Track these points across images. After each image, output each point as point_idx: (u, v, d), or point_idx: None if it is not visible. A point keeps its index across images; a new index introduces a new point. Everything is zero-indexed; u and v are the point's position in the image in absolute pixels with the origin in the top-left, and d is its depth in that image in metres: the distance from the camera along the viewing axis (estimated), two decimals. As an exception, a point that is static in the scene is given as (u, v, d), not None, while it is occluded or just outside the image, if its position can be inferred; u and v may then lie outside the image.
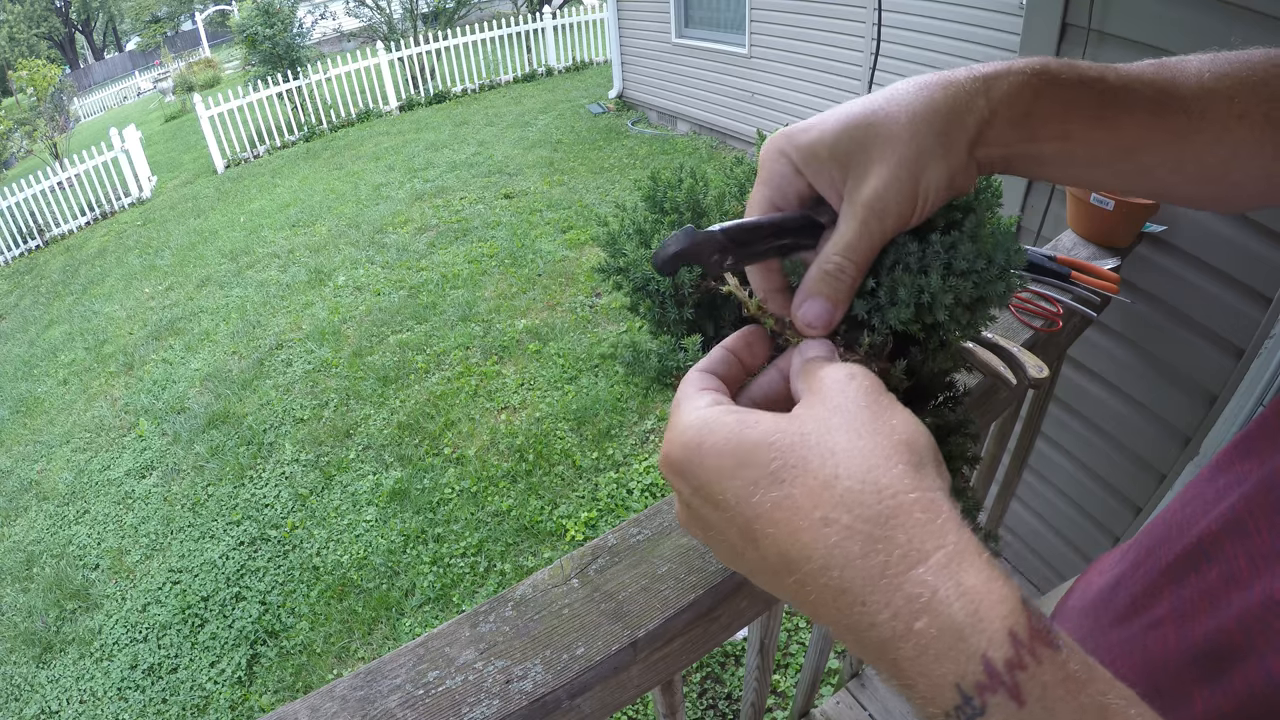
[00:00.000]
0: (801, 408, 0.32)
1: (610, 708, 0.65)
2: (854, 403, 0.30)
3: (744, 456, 0.30)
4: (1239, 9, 1.15)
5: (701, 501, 0.32)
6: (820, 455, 0.28)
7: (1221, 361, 1.38)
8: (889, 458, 0.28)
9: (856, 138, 0.35)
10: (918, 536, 0.26)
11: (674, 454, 0.32)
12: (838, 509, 0.27)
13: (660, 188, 0.55)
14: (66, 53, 29.28)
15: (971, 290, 0.39)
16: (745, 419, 0.31)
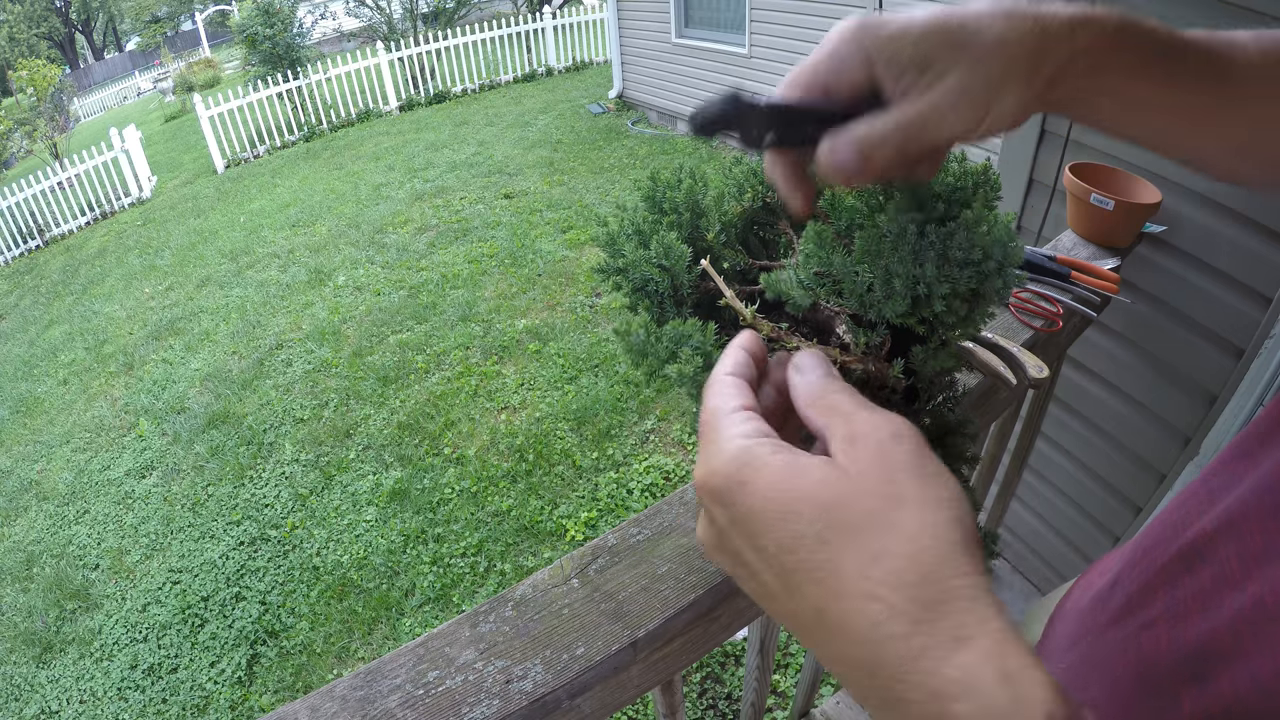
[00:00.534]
0: (847, 461, 0.30)
1: (610, 708, 0.65)
2: (905, 469, 0.29)
3: (790, 507, 0.29)
4: (1239, 9, 1.15)
5: (737, 536, 0.31)
6: (870, 525, 0.28)
7: (1221, 361, 1.38)
8: (938, 538, 0.27)
9: (945, 40, 0.35)
10: (962, 622, 0.25)
11: (714, 483, 0.32)
12: (884, 586, 0.26)
13: (659, 188, 0.55)
14: (66, 53, 29.27)
15: (969, 282, 0.39)
16: (794, 465, 0.30)
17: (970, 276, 0.39)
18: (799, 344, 0.46)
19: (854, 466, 0.30)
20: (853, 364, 0.44)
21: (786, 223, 0.55)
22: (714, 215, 0.54)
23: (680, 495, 0.72)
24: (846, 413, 0.33)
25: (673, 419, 3.67)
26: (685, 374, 0.45)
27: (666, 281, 0.51)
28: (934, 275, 0.39)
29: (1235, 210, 1.27)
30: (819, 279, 0.45)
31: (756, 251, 0.58)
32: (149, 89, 22.67)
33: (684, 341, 0.46)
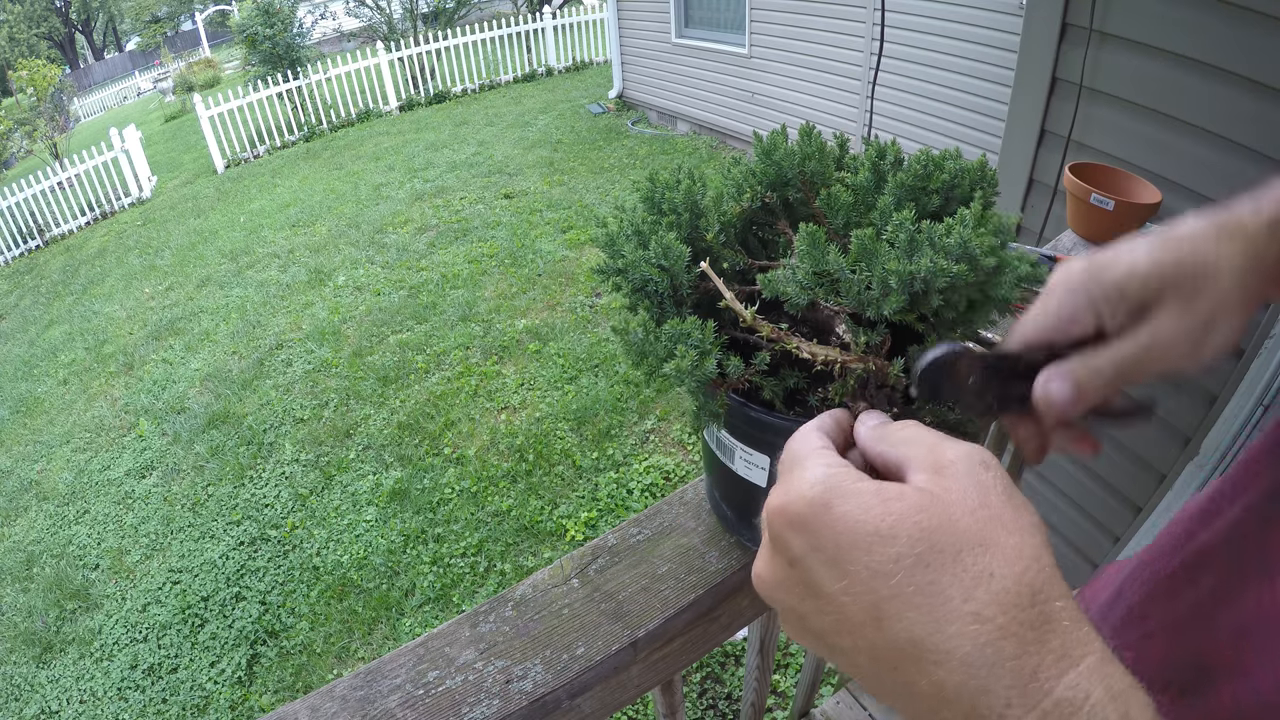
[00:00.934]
0: (937, 487, 0.30)
1: (610, 708, 0.65)
2: (998, 496, 0.29)
3: (885, 530, 0.28)
4: (1239, 9, 1.15)
5: (819, 564, 0.30)
6: (973, 547, 0.27)
7: (1222, 361, 1.38)
8: (1038, 558, 0.27)
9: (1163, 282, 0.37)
10: (1069, 641, 0.26)
11: (796, 508, 0.31)
12: (991, 606, 0.26)
13: (658, 189, 0.55)
14: (66, 53, 29.28)
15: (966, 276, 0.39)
16: (885, 489, 0.29)
17: (968, 272, 0.39)
18: (798, 344, 0.46)
19: (947, 493, 0.29)
20: (853, 363, 0.44)
21: (785, 223, 0.55)
22: (713, 216, 0.54)
23: (680, 495, 0.72)
24: (929, 443, 0.32)
25: (673, 419, 3.67)
26: (682, 369, 0.45)
27: (666, 282, 0.51)
28: (930, 270, 0.39)
29: (1235, 210, 1.27)
30: (816, 278, 0.45)
31: (755, 252, 0.58)
32: (149, 89, 22.68)
33: (682, 339, 0.46)
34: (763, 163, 0.53)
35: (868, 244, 0.42)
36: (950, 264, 0.39)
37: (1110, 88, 1.41)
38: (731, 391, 0.50)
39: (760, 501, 0.60)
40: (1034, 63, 1.53)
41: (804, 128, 0.54)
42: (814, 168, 0.52)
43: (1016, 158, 1.65)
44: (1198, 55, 1.24)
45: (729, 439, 0.55)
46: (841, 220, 0.48)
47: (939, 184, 0.46)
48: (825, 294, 0.45)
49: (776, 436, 0.51)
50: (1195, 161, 1.31)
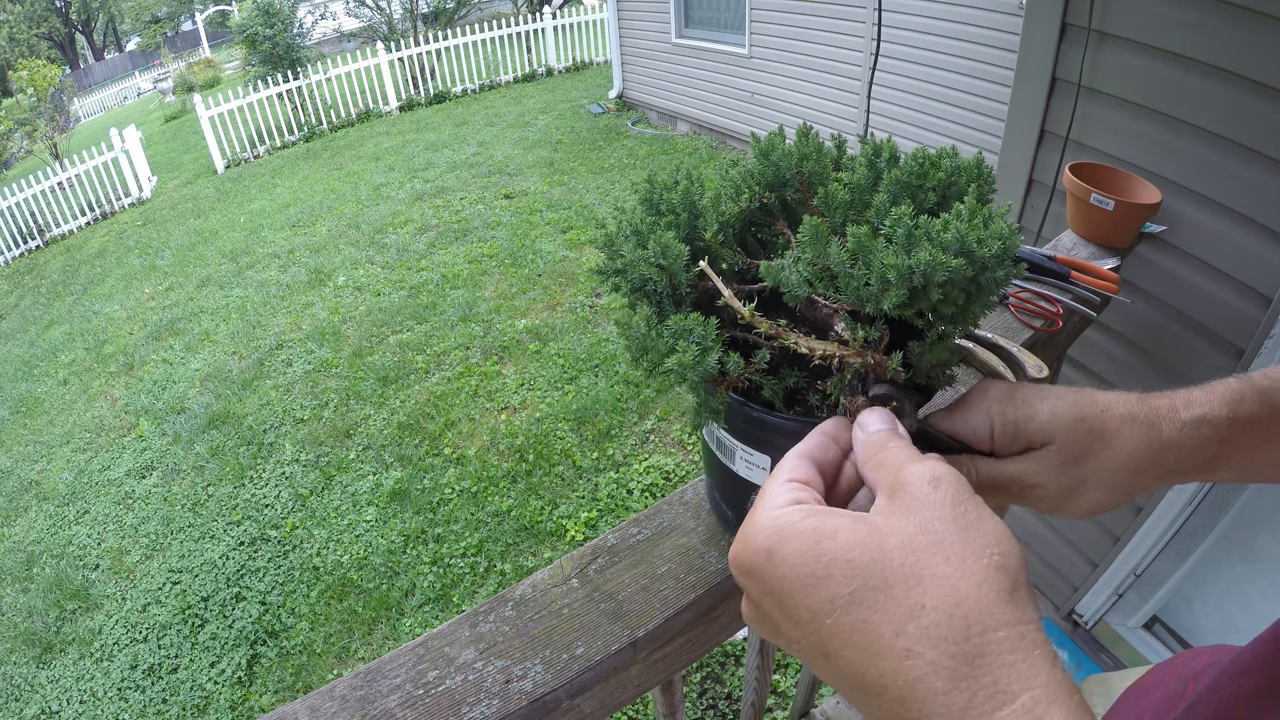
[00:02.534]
0: (881, 516, 0.30)
1: (610, 708, 0.65)
2: (941, 518, 0.29)
3: (820, 572, 0.28)
4: (1239, 9, 1.15)
5: (771, 607, 0.31)
6: (904, 580, 0.27)
7: (1221, 361, 1.38)
8: (979, 586, 0.27)
9: (1060, 433, 0.42)
10: (1005, 677, 0.25)
11: (744, 558, 0.32)
12: (922, 642, 0.26)
13: (656, 190, 0.55)
14: (66, 53, 29.27)
15: (965, 270, 0.39)
16: (822, 527, 0.30)
17: (966, 265, 0.39)
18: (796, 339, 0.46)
19: (887, 521, 0.29)
20: (851, 357, 0.44)
21: (784, 223, 0.55)
22: (711, 216, 0.54)
23: (680, 495, 0.72)
24: (895, 466, 0.33)
25: (673, 419, 3.67)
26: (684, 363, 0.45)
27: (664, 281, 0.51)
28: (929, 264, 0.39)
29: (1235, 210, 1.27)
30: (816, 273, 0.45)
31: (754, 252, 0.58)
32: (149, 89, 22.67)
33: (684, 335, 0.46)
34: (760, 163, 0.53)
35: (864, 240, 0.42)
36: (949, 258, 0.39)
37: (1110, 88, 1.41)
38: (732, 391, 0.50)
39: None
40: (1034, 62, 1.53)
41: (801, 128, 0.54)
42: (812, 168, 0.52)
43: (1016, 157, 1.65)
44: (1198, 55, 1.24)
45: (729, 439, 0.55)
46: (839, 218, 0.48)
47: (935, 181, 0.46)
48: (825, 288, 0.45)
49: (777, 436, 0.51)
50: (1195, 161, 1.31)
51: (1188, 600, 1.76)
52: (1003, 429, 0.43)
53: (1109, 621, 1.87)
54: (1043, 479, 0.42)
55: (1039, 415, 0.42)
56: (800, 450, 0.38)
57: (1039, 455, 0.42)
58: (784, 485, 0.34)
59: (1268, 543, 1.55)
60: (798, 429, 0.49)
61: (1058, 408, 0.42)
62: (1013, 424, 0.42)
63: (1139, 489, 0.42)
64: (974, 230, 0.40)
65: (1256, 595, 1.60)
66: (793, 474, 0.35)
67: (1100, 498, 0.42)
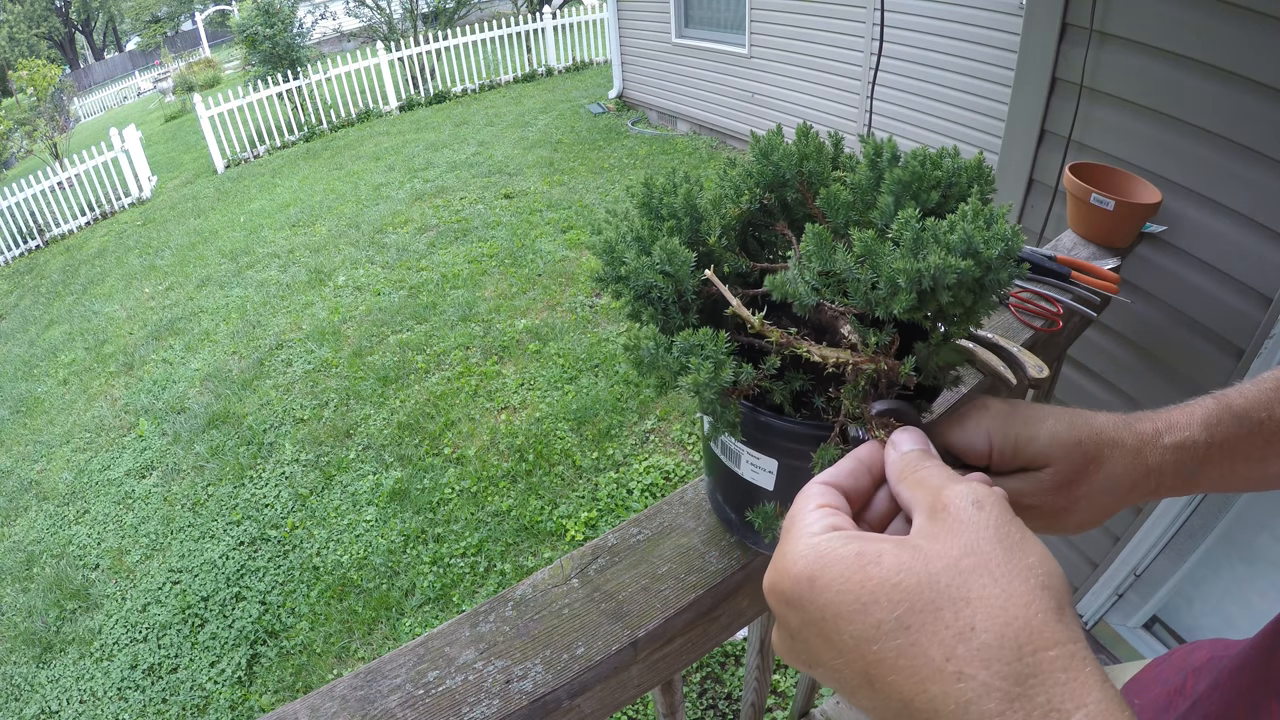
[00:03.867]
0: (924, 539, 0.30)
1: (610, 708, 0.65)
2: (986, 539, 0.29)
3: (866, 598, 0.28)
4: (1239, 9, 1.15)
5: (812, 636, 0.30)
6: (953, 602, 0.27)
7: (1221, 361, 1.38)
8: (1028, 606, 0.26)
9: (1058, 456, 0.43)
10: (1058, 695, 0.25)
11: (783, 586, 0.31)
12: (974, 664, 0.25)
13: (654, 194, 0.55)
14: (66, 53, 29.26)
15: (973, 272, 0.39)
16: (865, 552, 0.29)
17: (973, 267, 0.39)
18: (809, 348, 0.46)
19: (931, 544, 0.29)
20: (864, 364, 0.44)
21: (784, 224, 0.55)
22: (714, 219, 0.54)
23: (680, 495, 0.72)
24: (934, 486, 0.32)
25: (673, 419, 3.67)
26: (700, 381, 0.45)
27: (670, 288, 0.50)
28: (939, 267, 0.39)
29: (1235, 210, 1.27)
30: (823, 279, 0.45)
31: (755, 254, 0.58)
32: (149, 89, 22.67)
33: (695, 352, 0.46)
34: (760, 164, 0.53)
35: (871, 244, 0.42)
36: (957, 260, 0.39)
37: (1110, 88, 1.41)
38: (741, 397, 0.50)
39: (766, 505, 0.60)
40: (1034, 63, 1.53)
41: (801, 127, 0.54)
42: (812, 168, 0.52)
43: (1016, 158, 1.65)
44: (1198, 55, 1.24)
45: (735, 444, 0.55)
46: (842, 219, 0.48)
47: (935, 180, 0.46)
48: (832, 294, 0.45)
49: (785, 440, 0.51)
50: (1195, 161, 1.31)
51: (1187, 600, 1.76)
52: (1001, 447, 0.43)
53: (1109, 621, 1.87)
54: (1037, 500, 0.43)
55: (1039, 438, 0.43)
56: (828, 477, 0.37)
57: (1035, 476, 0.43)
58: (817, 511, 0.34)
59: (1267, 543, 1.55)
60: (806, 432, 0.49)
61: (1056, 430, 0.43)
62: (1012, 443, 0.43)
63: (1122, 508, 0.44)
64: (979, 231, 0.40)
65: (1256, 595, 1.60)
66: (823, 499, 0.35)
67: (1087, 518, 0.44)
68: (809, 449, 0.49)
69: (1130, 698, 0.65)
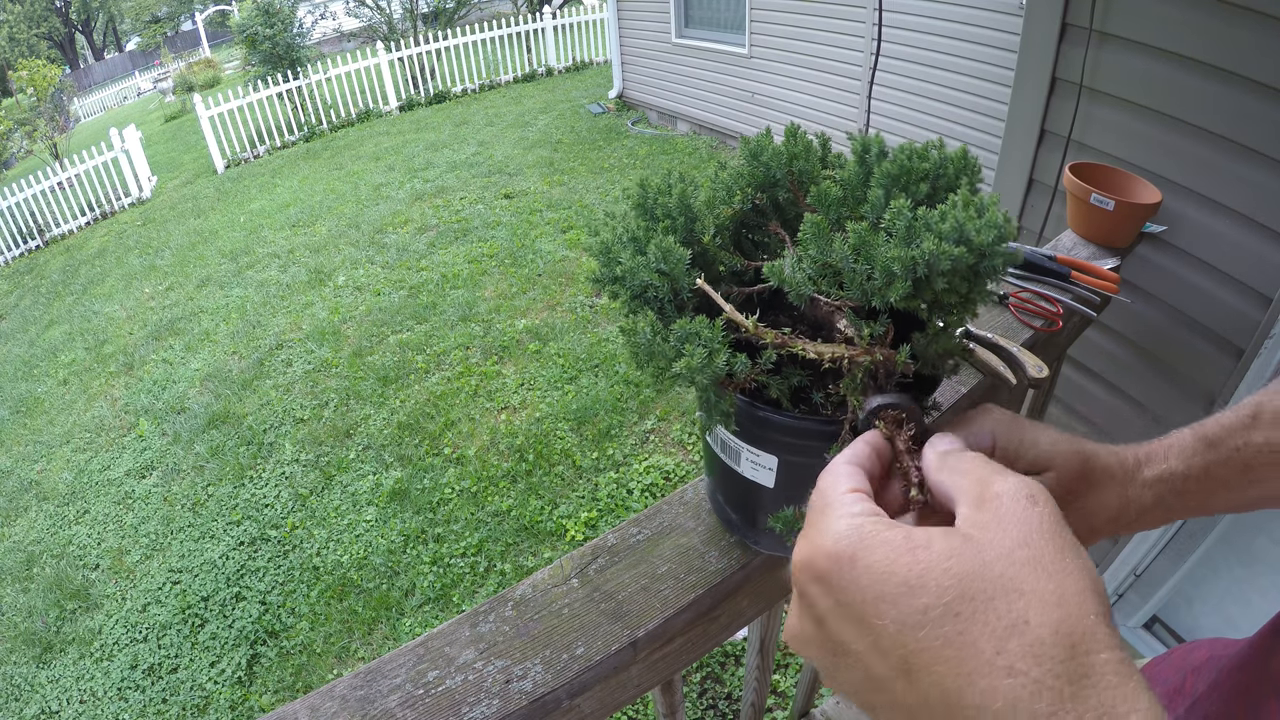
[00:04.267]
0: (974, 528, 0.28)
1: (610, 708, 0.65)
2: (1040, 534, 0.28)
3: (914, 580, 0.27)
4: (1239, 9, 1.15)
5: (844, 620, 0.29)
6: (1006, 593, 0.26)
7: (1221, 361, 1.38)
8: (1081, 605, 0.25)
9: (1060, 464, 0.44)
10: (1110, 699, 0.24)
11: (819, 563, 0.30)
12: (1026, 659, 0.24)
13: (649, 194, 0.55)
14: (66, 53, 29.26)
15: (968, 257, 0.40)
16: (914, 537, 0.28)
17: (967, 253, 0.39)
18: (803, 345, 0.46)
19: (983, 532, 0.28)
20: (859, 356, 0.44)
21: (776, 223, 0.55)
22: (708, 219, 0.54)
23: (680, 495, 0.72)
24: (981, 476, 0.31)
25: (673, 419, 3.67)
26: (693, 366, 0.45)
27: (666, 287, 0.50)
28: (933, 254, 0.39)
29: (1235, 210, 1.27)
30: (819, 270, 0.45)
31: (750, 253, 0.58)
32: (149, 89, 22.67)
33: (691, 338, 0.46)
34: (751, 165, 0.53)
35: (865, 235, 0.42)
36: (951, 247, 0.39)
37: (1110, 88, 1.41)
38: (737, 393, 0.50)
39: (767, 503, 0.60)
40: (1034, 63, 1.53)
41: (790, 128, 0.55)
42: (801, 166, 0.52)
43: (1016, 157, 1.65)
44: (1198, 55, 1.24)
45: (734, 441, 0.55)
46: (834, 215, 0.48)
47: (923, 173, 0.46)
48: (828, 285, 0.45)
49: (784, 435, 0.51)
50: (1196, 161, 1.31)
51: (1187, 600, 1.76)
52: (1004, 447, 0.43)
53: (1109, 621, 1.87)
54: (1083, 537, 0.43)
55: (1041, 441, 0.43)
56: (851, 458, 0.36)
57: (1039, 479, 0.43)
58: (851, 495, 0.32)
59: (1266, 545, 1.55)
60: (806, 428, 0.49)
61: (1057, 439, 0.43)
62: (1015, 445, 0.43)
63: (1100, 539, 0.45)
64: (970, 219, 0.40)
65: (1256, 595, 1.60)
66: (853, 483, 0.34)
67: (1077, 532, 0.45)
68: (809, 444, 0.49)
69: None
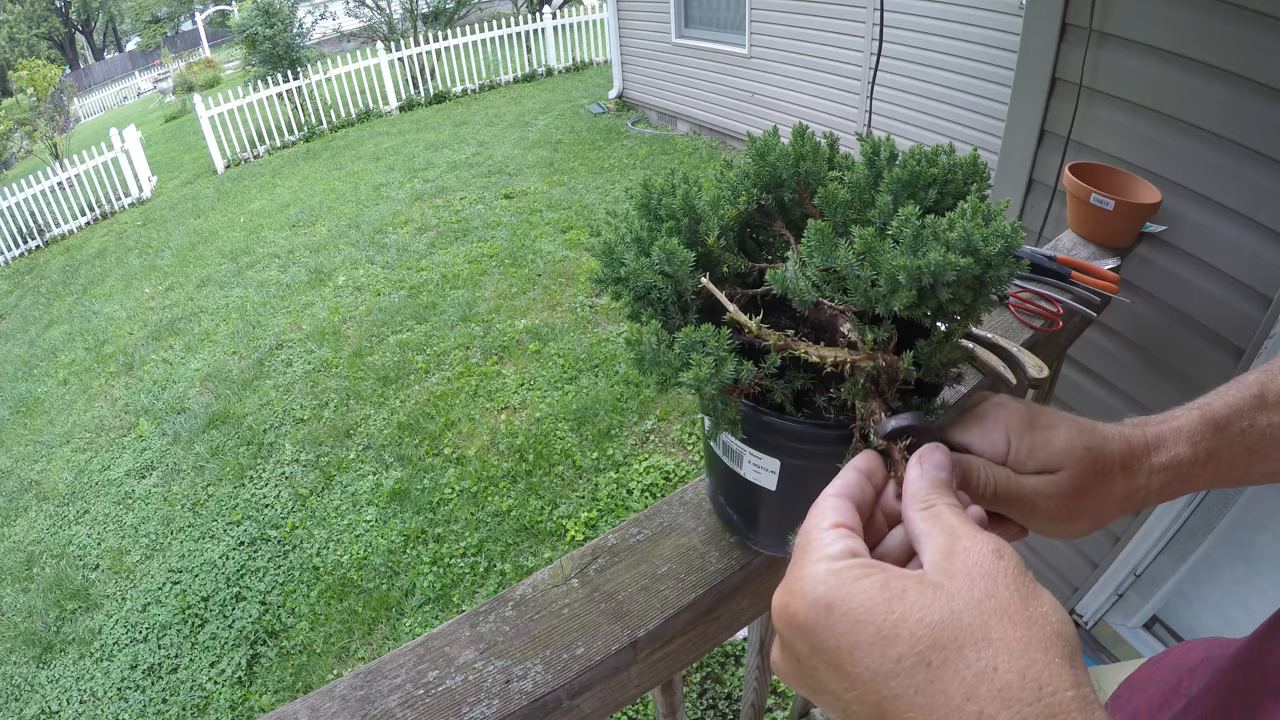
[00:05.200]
0: (944, 577, 0.30)
1: (610, 708, 0.65)
2: (1006, 586, 0.29)
3: (887, 631, 0.28)
4: (1239, 9, 1.15)
5: (822, 664, 0.30)
6: (976, 642, 0.27)
7: (1221, 361, 1.38)
8: (1047, 651, 0.27)
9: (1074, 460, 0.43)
10: None
11: (798, 610, 0.30)
12: (994, 704, 0.26)
13: (653, 195, 0.55)
14: (66, 53, 29.26)
15: (973, 269, 0.39)
16: (890, 586, 0.29)
17: (973, 264, 0.39)
18: (807, 348, 0.46)
19: (952, 582, 0.29)
20: (862, 361, 0.44)
21: (781, 224, 0.55)
22: (712, 220, 0.54)
23: (680, 495, 0.72)
24: (950, 527, 0.32)
25: (673, 419, 3.67)
26: (700, 377, 0.45)
27: (670, 288, 0.50)
28: (939, 264, 0.39)
29: (1235, 210, 1.27)
30: (825, 275, 0.45)
31: (754, 254, 0.58)
32: (149, 89, 22.67)
33: (696, 348, 0.46)
34: (757, 164, 0.53)
35: (871, 241, 0.42)
36: (957, 257, 0.39)
37: (1110, 88, 1.41)
38: (742, 396, 0.50)
39: (768, 505, 0.60)
40: (1034, 62, 1.53)
41: (797, 128, 0.54)
42: (808, 168, 0.52)
43: (1016, 158, 1.65)
44: (1198, 55, 1.24)
45: (737, 444, 0.55)
46: (840, 218, 0.48)
47: (931, 178, 0.46)
48: (832, 291, 0.45)
49: (788, 440, 0.51)
50: (1195, 161, 1.31)
51: (1187, 600, 1.76)
52: (1018, 447, 0.44)
53: (1109, 621, 1.87)
54: (1051, 503, 0.43)
55: (1055, 440, 0.43)
56: (839, 489, 0.37)
57: (1052, 479, 0.43)
58: (833, 532, 0.33)
59: (1267, 543, 1.55)
60: (809, 432, 0.49)
61: (1071, 435, 0.43)
62: (1029, 444, 0.43)
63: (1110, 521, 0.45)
64: (978, 229, 0.40)
65: (1256, 595, 1.60)
66: (838, 518, 0.34)
67: (1084, 528, 0.45)
68: (812, 448, 0.49)
69: (1126, 697, 0.65)
